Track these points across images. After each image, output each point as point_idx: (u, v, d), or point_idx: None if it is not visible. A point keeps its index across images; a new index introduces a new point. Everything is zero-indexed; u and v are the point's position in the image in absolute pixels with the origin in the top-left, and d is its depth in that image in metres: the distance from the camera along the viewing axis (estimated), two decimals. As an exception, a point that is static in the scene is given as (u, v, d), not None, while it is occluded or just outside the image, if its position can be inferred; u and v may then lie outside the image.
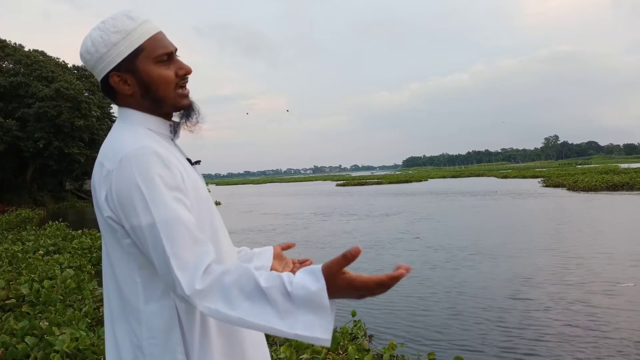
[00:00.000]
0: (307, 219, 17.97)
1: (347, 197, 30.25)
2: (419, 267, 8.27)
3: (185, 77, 1.20)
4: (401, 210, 19.51)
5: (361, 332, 4.63)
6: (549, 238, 10.88)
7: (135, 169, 1.04)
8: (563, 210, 16.45)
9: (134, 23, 1.15)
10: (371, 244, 11.03)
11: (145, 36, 1.15)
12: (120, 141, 1.11)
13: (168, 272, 1.00)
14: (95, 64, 1.16)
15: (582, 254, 8.71)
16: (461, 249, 9.90)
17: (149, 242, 1.02)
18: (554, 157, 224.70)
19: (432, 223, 14.71)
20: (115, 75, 1.15)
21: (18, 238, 11.96)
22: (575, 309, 5.69)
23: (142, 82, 1.15)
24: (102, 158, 1.11)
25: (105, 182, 1.07)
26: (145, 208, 1.02)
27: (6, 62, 31.50)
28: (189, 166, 1.19)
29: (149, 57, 1.15)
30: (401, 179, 56.29)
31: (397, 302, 6.29)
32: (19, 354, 3.48)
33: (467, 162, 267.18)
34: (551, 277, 7.29)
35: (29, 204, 29.77)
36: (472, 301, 6.25)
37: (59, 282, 5.89)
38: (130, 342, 1.10)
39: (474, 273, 7.81)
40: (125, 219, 1.05)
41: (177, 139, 1.24)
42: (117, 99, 1.20)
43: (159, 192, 1.03)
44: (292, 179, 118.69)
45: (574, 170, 48.10)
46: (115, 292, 1.14)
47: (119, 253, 1.10)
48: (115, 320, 1.14)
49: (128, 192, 1.03)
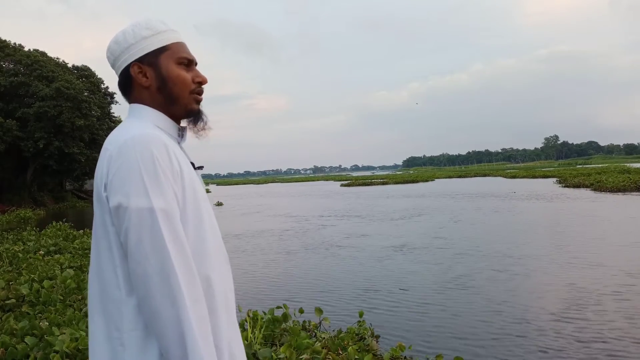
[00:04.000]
0: (321, 220, 16.96)
1: (356, 198, 28.68)
2: (466, 273, 7.55)
3: (200, 86, 1.25)
4: (422, 212, 18.06)
5: (368, 332, 4.61)
6: (604, 246, 9.35)
7: (138, 151, 1.06)
8: (604, 214, 14.63)
9: (165, 27, 1.24)
10: (409, 248, 10.19)
11: (173, 40, 1.23)
12: (127, 129, 1.13)
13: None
14: (121, 54, 1.21)
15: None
16: (504, 255, 8.92)
17: (133, 225, 1.02)
18: (554, 157, 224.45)
19: (465, 225, 13.55)
20: (136, 65, 1.20)
21: (19, 238, 11.96)
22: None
23: (160, 77, 1.21)
24: (107, 144, 1.13)
25: (107, 163, 1.08)
26: (142, 191, 1.03)
27: (6, 62, 31.50)
28: (192, 169, 1.21)
29: (172, 57, 1.22)
30: (407, 179, 54.53)
31: (429, 309, 5.86)
32: (18, 354, 3.48)
33: (467, 162, 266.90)
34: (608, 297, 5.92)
35: (29, 204, 29.78)
36: (512, 312, 5.56)
37: (59, 282, 5.88)
38: (109, 335, 1.09)
39: (518, 282, 6.94)
40: (113, 196, 1.05)
41: (183, 142, 1.26)
42: (131, 93, 1.23)
43: (159, 180, 1.05)
44: (293, 179, 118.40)
45: (584, 170, 45.55)
46: (96, 285, 1.13)
47: (105, 242, 1.10)
48: (94, 314, 1.13)
49: (126, 171, 1.04)
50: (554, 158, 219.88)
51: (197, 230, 1.14)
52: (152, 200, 1.03)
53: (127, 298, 1.07)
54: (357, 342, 4.22)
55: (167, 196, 1.05)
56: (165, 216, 1.04)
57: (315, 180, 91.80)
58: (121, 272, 1.08)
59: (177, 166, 1.10)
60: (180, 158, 1.14)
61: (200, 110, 1.26)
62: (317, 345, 3.78)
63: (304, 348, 3.65)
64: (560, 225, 12.74)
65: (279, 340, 4.08)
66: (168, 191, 1.06)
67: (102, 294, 1.11)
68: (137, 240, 1.02)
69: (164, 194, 1.05)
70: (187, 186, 1.12)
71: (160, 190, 1.04)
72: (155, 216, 1.03)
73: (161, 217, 1.03)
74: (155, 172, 1.05)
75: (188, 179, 1.13)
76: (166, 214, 1.04)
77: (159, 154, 1.06)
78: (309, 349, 3.65)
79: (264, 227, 15.51)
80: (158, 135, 1.10)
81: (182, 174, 1.11)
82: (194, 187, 1.15)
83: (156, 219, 1.03)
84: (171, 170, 1.08)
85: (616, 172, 32.82)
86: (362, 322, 4.78)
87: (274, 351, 3.64)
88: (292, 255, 10.15)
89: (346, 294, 6.78)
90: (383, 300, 6.36)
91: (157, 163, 1.05)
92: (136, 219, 1.02)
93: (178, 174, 1.10)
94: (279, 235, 13.48)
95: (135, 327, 1.06)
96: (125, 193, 1.03)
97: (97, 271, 1.13)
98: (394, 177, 66.74)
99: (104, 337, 1.10)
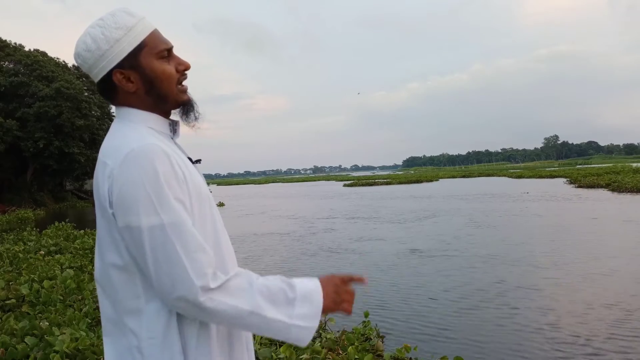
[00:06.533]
0: (329, 223, 16.17)
1: (362, 199, 27.79)
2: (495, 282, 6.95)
3: (184, 73, 1.20)
4: (436, 214, 17.23)
5: (373, 332, 4.60)
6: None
7: (141, 167, 1.02)
8: (636, 215, 13.58)
9: (133, 19, 1.13)
10: (431, 252, 9.67)
11: (146, 32, 1.14)
12: (123, 139, 1.09)
13: (174, 274, 1.00)
14: (96, 62, 1.12)
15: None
16: (533, 262, 8.30)
17: (147, 243, 1.01)
18: (554, 157, 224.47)
19: (485, 229, 12.62)
20: (118, 72, 1.12)
21: (19, 238, 11.96)
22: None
23: (146, 78, 1.13)
24: (105, 156, 1.08)
25: (108, 179, 1.05)
26: (150, 208, 1.01)
27: (6, 62, 31.51)
28: (190, 165, 1.18)
29: (152, 53, 1.14)
30: (411, 179, 53.25)
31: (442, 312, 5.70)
32: (19, 354, 3.48)
33: (467, 162, 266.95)
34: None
35: (29, 204, 29.77)
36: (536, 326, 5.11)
37: (59, 282, 5.88)
38: (127, 346, 1.08)
39: (549, 292, 6.43)
40: (121, 216, 1.02)
41: (177, 138, 1.23)
42: (116, 98, 1.17)
43: (165, 193, 1.02)
44: (294, 179, 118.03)
45: (593, 170, 43.78)
46: (107, 302, 1.12)
47: (116, 256, 1.08)
48: (107, 328, 1.13)
49: (132, 190, 1.01)
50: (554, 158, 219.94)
51: (203, 233, 1.12)
52: (162, 217, 1.01)
53: (147, 305, 1.06)
54: (363, 342, 4.21)
55: (176, 208, 1.03)
56: (176, 229, 1.02)
57: (316, 180, 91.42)
58: (140, 281, 1.07)
59: (180, 173, 1.07)
60: (181, 162, 1.11)
61: (190, 99, 1.21)
62: (316, 345, 3.78)
63: (304, 348, 3.65)
64: (591, 228, 11.67)
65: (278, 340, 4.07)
66: (175, 204, 1.03)
67: (115, 307, 1.10)
68: (154, 259, 1.02)
69: (172, 208, 1.02)
70: (191, 191, 1.10)
71: (169, 205, 1.02)
72: (166, 232, 1.01)
73: (172, 231, 1.02)
74: (161, 186, 1.02)
75: (191, 183, 1.11)
76: (176, 226, 1.02)
77: (161, 166, 1.03)
78: (309, 348, 3.65)
79: (271, 229, 15.24)
80: (157, 144, 1.06)
81: (185, 179, 1.09)
82: (199, 190, 1.13)
83: (167, 235, 1.01)
84: (176, 179, 1.05)
85: (631, 172, 32.24)
86: (367, 322, 4.78)
87: (274, 351, 3.64)
88: (304, 256, 10.02)
89: (362, 297, 6.52)
90: (396, 303, 6.25)
91: (162, 176, 1.03)
92: (149, 236, 1.01)
93: (183, 180, 1.08)
94: (287, 237, 13.21)
95: (154, 335, 1.06)
96: (135, 212, 1.01)
97: (108, 285, 1.11)
98: (397, 177, 65.64)
99: (123, 348, 1.09)
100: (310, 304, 1.11)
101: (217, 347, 1.12)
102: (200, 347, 1.09)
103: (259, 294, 1.07)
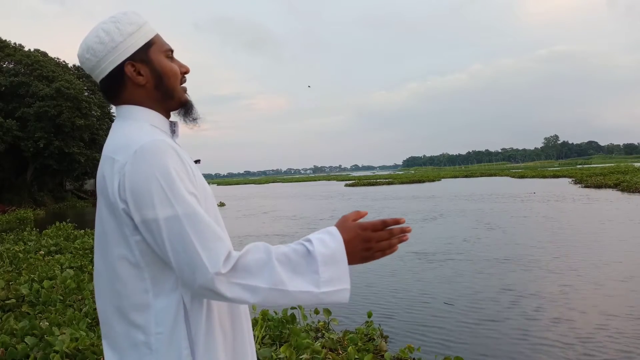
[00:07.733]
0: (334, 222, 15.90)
1: (364, 200, 27.23)
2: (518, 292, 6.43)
3: (184, 76, 1.26)
4: (443, 214, 16.83)
5: (376, 332, 4.60)
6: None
7: (153, 162, 1.04)
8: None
9: (142, 20, 1.20)
10: (446, 255, 9.30)
11: (153, 32, 1.22)
12: (130, 135, 1.11)
13: (193, 263, 1.01)
14: (108, 54, 1.15)
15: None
16: (550, 265, 7.94)
17: (165, 235, 1.03)
18: (554, 157, 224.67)
19: (496, 231, 12.14)
20: (130, 64, 1.16)
21: (20, 238, 11.97)
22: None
23: (155, 72, 1.18)
24: (112, 153, 1.10)
25: (118, 175, 1.06)
26: (165, 201, 1.03)
27: (6, 62, 31.53)
28: (194, 164, 1.21)
29: (160, 50, 1.21)
30: (413, 179, 52.42)
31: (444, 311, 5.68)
32: (19, 354, 3.48)
33: (467, 162, 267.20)
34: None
35: (29, 204, 29.79)
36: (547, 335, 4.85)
37: (59, 282, 5.89)
38: (133, 343, 1.09)
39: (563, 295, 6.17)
40: (137, 211, 1.04)
41: (176, 138, 1.25)
42: (121, 94, 1.19)
43: (178, 186, 1.04)
44: (295, 179, 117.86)
45: (599, 169, 42.90)
46: (109, 298, 1.13)
47: (125, 251, 1.09)
48: (112, 324, 1.14)
49: (145, 185, 1.03)
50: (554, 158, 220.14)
51: None
52: (177, 208, 1.03)
53: (155, 300, 1.08)
54: (366, 342, 4.21)
55: (189, 200, 1.05)
56: (191, 220, 1.04)
57: (316, 180, 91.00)
58: (149, 276, 1.08)
59: (189, 169, 1.11)
60: (187, 158, 1.14)
61: (190, 99, 1.27)
62: (317, 345, 3.78)
63: (304, 348, 3.65)
64: (612, 232, 11.06)
65: (285, 340, 4.08)
66: (188, 196, 1.06)
67: (121, 303, 1.11)
68: (173, 251, 1.03)
69: (185, 200, 1.05)
70: (198, 185, 1.13)
71: (182, 197, 1.04)
72: (182, 222, 1.03)
73: (187, 221, 1.03)
74: (173, 180, 1.04)
75: (198, 177, 1.15)
76: (191, 217, 1.04)
77: (172, 161, 1.06)
78: (309, 348, 3.65)
79: (272, 230, 15.05)
80: (165, 140, 1.09)
81: (194, 175, 1.12)
82: (203, 187, 1.17)
83: (183, 225, 1.03)
84: (186, 174, 1.08)
85: (638, 172, 31.84)
86: (370, 322, 4.79)
87: (274, 351, 3.64)
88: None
89: (364, 298, 6.48)
90: (403, 305, 6.19)
91: (173, 170, 1.05)
92: (166, 228, 1.03)
93: (192, 174, 1.11)
94: (289, 238, 12.86)
95: (162, 329, 1.08)
96: (151, 205, 1.03)
97: (111, 281, 1.12)
98: (398, 177, 64.80)
99: (127, 345, 1.10)
100: (336, 265, 1.07)
101: (221, 341, 1.13)
102: (207, 341, 1.10)
103: (279, 265, 1.04)
